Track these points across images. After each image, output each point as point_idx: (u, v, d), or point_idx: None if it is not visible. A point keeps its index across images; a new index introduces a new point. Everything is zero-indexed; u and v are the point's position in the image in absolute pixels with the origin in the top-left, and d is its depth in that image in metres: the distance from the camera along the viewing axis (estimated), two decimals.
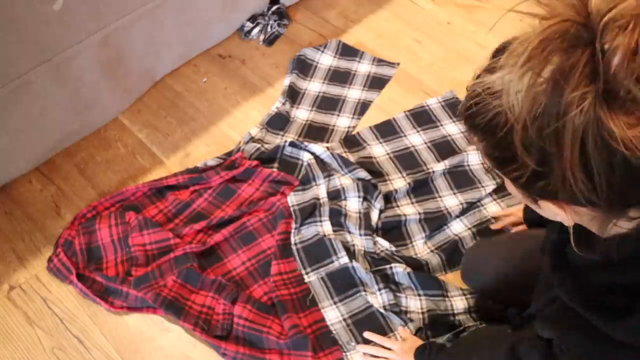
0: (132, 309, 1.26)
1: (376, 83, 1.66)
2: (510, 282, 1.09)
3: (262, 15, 1.80)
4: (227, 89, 1.67)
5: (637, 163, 0.44)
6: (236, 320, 1.21)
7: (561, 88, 0.44)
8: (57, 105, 1.40)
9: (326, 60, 1.71)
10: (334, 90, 1.65)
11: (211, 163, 1.48)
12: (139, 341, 1.23)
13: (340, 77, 1.68)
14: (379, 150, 1.51)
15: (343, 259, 1.28)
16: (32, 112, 1.35)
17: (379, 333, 1.19)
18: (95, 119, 1.56)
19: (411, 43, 1.76)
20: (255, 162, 1.46)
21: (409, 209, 1.38)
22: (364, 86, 1.66)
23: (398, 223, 1.36)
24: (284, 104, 1.60)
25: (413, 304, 1.22)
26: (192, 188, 1.44)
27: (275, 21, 1.79)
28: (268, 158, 1.48)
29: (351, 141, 1.52)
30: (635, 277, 0.56)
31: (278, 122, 1.57)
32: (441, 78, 1.66)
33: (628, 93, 0.43)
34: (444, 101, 1.59)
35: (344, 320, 1.22)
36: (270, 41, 1.77)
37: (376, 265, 1.27)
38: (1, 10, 1.13)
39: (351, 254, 1.29)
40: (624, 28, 0.43)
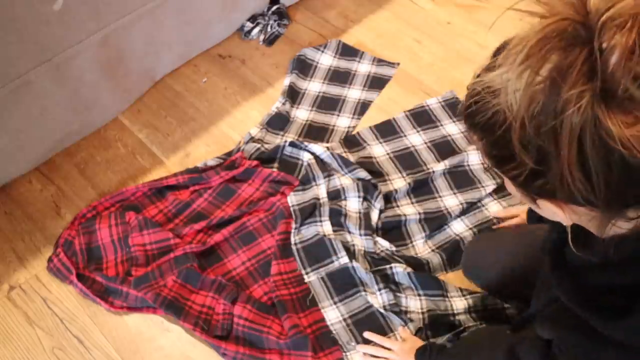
0: (132, 309, 1.26)
1: (376, 83, 1.66)
2: (513, 276, 1.08)
3: (262, 15, 1.80)
4: (227, 89, 1.67)
5: (635, 162, 0.44)
6: (236, 320, 1.21)
7: (559, 86, 0.44)
8: (57, 105, 1.40)
9: (326, 60, 1.71)
10: (334, 90, 1.65)
11: (211, 163, 1.48)
12: (139, 341, 1.23)
13: (340, 77, 1.68)
14: (379, 150, 1.51)
15: (343, 259, 1.28)
16: (32, 112, 1.35)
17: (379, 333, 1.19)
18: (95, 119, 1.56)
19: (411, 43, 1.76)
20: (255, 162, 1.46)
21: (409, 209, 1.38)
22: (364, 86, 1.66)
23: (398, 223, 1.36)
24: (284, 104, 1.60)
25: (413, 304, 1.22)
26: (192, 188, 1.44)
27: (275, 21, 1.79)
28: (268, 158, 1.48)
29: (351, 141, 1.52)
30: (633, 278, 0.56)
31: (278, 122, 1.57)
32: (441, 78, 1.66)
33: (625, 91, 0.43)
34: (444, 101, 1.59)
35: (344, 320, 1.22)
36: (270, 41, 1.77)
37: (376, 265, 1.27)
38: (1, 10, 1.13)
39: (351, 254, 1.29)
40: (622, 27, 0.43)
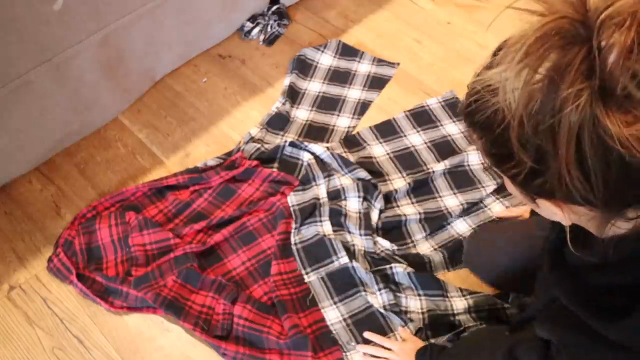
0: (132, 309, 1.26)
1: (376, 83, 1.66)
2: (516, 268, 1.07)
3: (262, 15, 1.80)
4: (227, 89, 1.67)
5: (634, 162, 0.44)
6: (236, 320, 1.21)
7: (557, 85, 0.44)
8: (57, 105, 1.40)
9: (326, 60, 1.71)
10: (334, 90, 1.65)
11: (211, 163, 1.48)
12: (139, 341, 1.23)
13: (340, 77, 1.68)
14: (379, 150, 1.51)
15: (343, 259, 1.28)
16: (32, 112, 1.35)
17: (379, 333, 1.19)
18: (95, 119, 1.56)
19: (411, 43, 1.76)
20: (255, 162, 1.46)
21: (409, 209, 1.38)
22: (364, 86, 1.66)
23: (398, 223, 1.36)
24: (284, 104, 1.60)
25: (413, 304, 1.22)
26: (192, 188, 1.44)
27: (275, 21, 1.79)
28: (268, 158, 1.48)
29: (351, 141, 1.52)
30: (633, 278, 0.56)
31: (278, 122, 1.57)
32: (441, 78, 1.66)
33: (624, 90, 0.43)
34: (444, 101, 1.59)
35: (344, 320, 1.22)
36: (270, 41, 1.77)
37: (376, 265, 1.27)
38: (1, 10, 1.13)
39: (351, 254, 1.29)
40: (621, 25, 0.43)
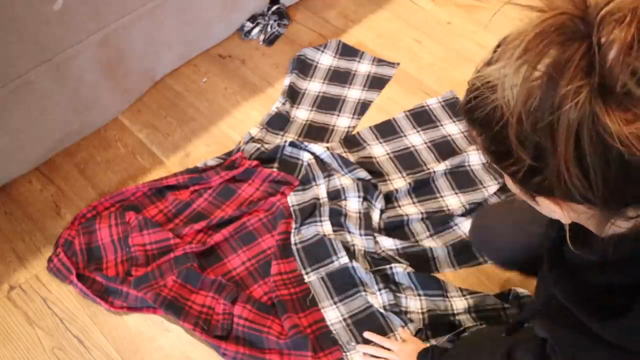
0: (132, 309, 1.26)
1: (376, 83, 1.66)
2: (524, 247, 1.04)
3: (262, 15, 1.80)
4: (227, 89, 1.67)
5: (633, 160, 0.43)
6: (236, 320, 1.21)
7: (556, 81, 0.44)
8: (57, 105, 1.40)
9: (326, 60, 1.71)
10: (334, 90, 1.65)
11: (211, 163, 1.48)
12: (139, 341, 1.23)
13: (340, 77, 1.68)
14: (379, 150, 1.51)
15: (343, 259, 1.28)
16: (32, 112, 1.35)
17: (379, 333, 1.19)
18: (95, 119, 1.56)
19: (411, 43, 1.76)
20: (255, 162, 1.45)
21: (411, 209, 1.38)
22: (364, 86, 1.66)
23: (401, 223, 1.35)
24: (284, 104, 1.60)
25: (413, 304, 1.22)
26: (192, 188, 1.44)
27: (275, 21, 1.79)
28: (268, 158, 1.48)
29: (351, 141, 1.52)
30: (632, 277, 0.56)
31: (278, 122, 1.57)
32: (441, 78, 1.66)
33: (623, 87, 0.42)
34: (444, 101, 1.59)
35: (344, 320, 1.22)
36: (270, 41, 1.77)
37: (376, 265, 1.27)
38: (1, 10, 1.13)
39: (351, 254, 1.28)
40: (621, 22, 0.43)
